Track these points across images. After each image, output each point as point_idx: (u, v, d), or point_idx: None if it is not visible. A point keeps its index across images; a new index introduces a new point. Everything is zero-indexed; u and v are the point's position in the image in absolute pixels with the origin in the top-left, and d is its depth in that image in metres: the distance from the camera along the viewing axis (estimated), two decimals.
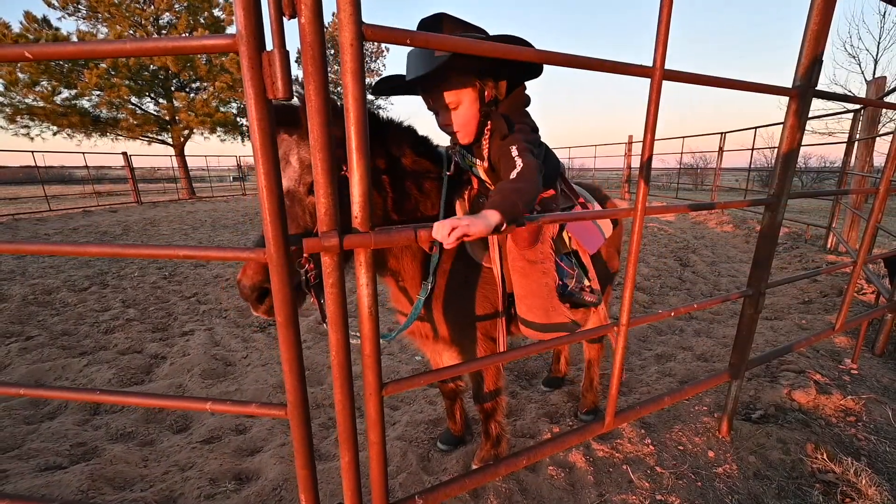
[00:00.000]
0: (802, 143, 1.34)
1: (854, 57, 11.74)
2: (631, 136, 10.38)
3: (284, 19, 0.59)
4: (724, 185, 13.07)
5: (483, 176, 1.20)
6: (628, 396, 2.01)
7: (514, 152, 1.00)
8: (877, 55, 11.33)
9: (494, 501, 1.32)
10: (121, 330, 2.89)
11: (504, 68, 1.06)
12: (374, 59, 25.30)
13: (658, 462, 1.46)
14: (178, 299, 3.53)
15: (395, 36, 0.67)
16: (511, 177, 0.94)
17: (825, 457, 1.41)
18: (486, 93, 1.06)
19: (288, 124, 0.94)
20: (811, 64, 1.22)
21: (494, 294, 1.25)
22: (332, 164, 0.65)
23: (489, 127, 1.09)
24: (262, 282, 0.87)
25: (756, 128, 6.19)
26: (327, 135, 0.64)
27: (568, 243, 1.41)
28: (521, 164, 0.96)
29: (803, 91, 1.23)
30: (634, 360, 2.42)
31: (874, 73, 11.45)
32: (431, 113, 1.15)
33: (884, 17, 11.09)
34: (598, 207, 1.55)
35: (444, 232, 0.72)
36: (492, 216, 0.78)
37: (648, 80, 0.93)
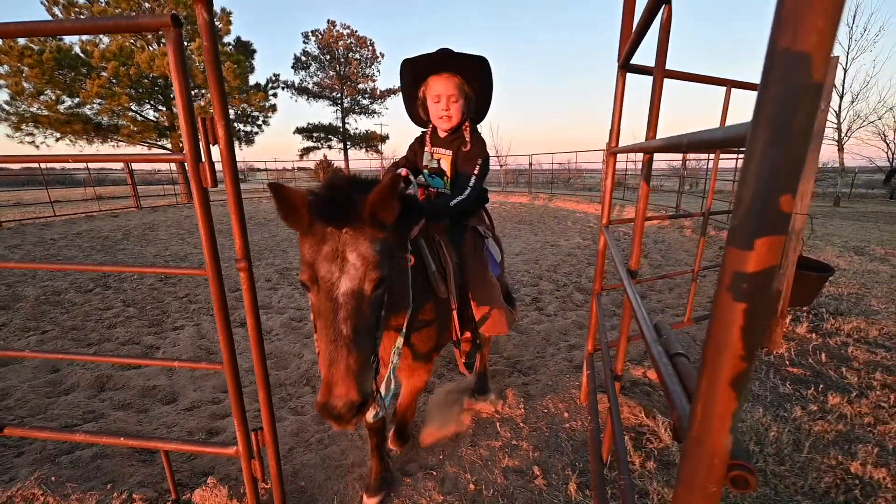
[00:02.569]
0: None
1: None
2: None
3: (211, 145, 1.08)
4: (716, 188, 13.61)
5: (447, 167, 1.60)
6: (537, 375, 2.48)
7: (472, 182, 1.49)
8: (846, 65, 11.85)
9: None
10: (122, 325, 3.37)
11: (479, 98, 1.58)
12: (369, 64, 25.83)
13: (524, 420, 1.94)
14: (171, 299, 4.02)
15: None
16: (454, 201, 1.43)
17: (643, 414, 1.89)
18: (470, 101, 1.56)
19: (336, 219, 0.90)
20: (617, 133, 1.71)
21: (450, 319, 1.42)
22: (243, 214, 1.13)
23: (467, 125, 1.57)
24: (357, 401, 0.82)
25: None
26: (240, 208, 1.12)
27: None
28: (467, 192, 1.46)
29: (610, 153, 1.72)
30: (551, 349, 2.90)
31: (843, 83, 11.96)
32: (428, 107, 1.55)
33: (851, 28, 11.61)
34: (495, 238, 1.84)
35: None
36: None
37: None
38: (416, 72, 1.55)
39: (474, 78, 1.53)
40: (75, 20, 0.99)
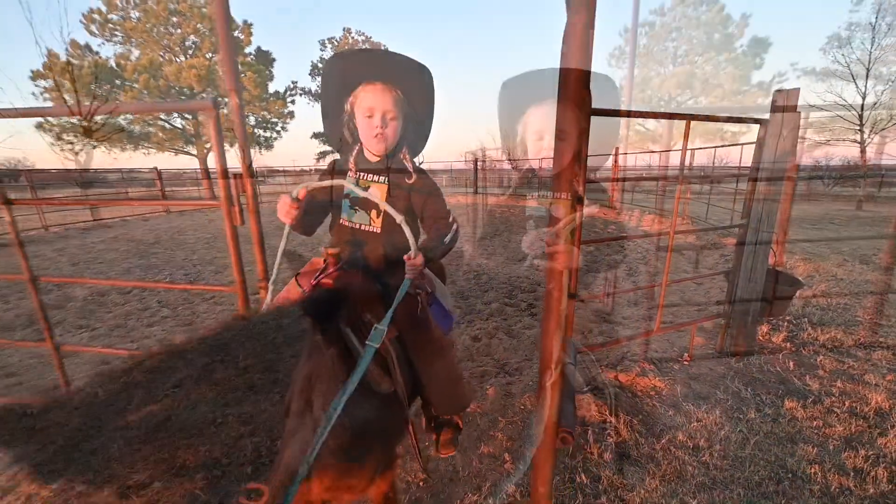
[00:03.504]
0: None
1: (847, 67, 11.87)
2: (617, 148, 10.91)
3: (241, 193, 1.40)
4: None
5: (380, 199, 1.19)
6: (521, 376, 2.75)
7: (451, 217, 1.33)
8: (869, 65, 11.52)
9: None
10: (158, 324, 3.81)
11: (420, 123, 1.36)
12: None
13: (502, 414, 2.22)
14: (200, 300, 4.45)
15: None
16: (446, 240, 1.28)
17: (607, 412, 2.14)
18: (409, 123, 1.32)
19: None
20: None
21: (402, 418, 1.12)
22: (264, 245, 1.46)
23: (405, 150, 1.34)
24: None
25: (715, 147, 6.68)
26: (262, 241, 1.45)
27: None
28: (454, 227, 1.32)
29: None
30: (539, 353, 3.15)
31: (865, 84, 11.63)
32: (360, 123, 1.27)
33: (874, 27, 11.29)
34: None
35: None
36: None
37: None
38: (344, 76, 1.26)
39: (415, 94, 1.28)
40: (141, 103, 1.33)
